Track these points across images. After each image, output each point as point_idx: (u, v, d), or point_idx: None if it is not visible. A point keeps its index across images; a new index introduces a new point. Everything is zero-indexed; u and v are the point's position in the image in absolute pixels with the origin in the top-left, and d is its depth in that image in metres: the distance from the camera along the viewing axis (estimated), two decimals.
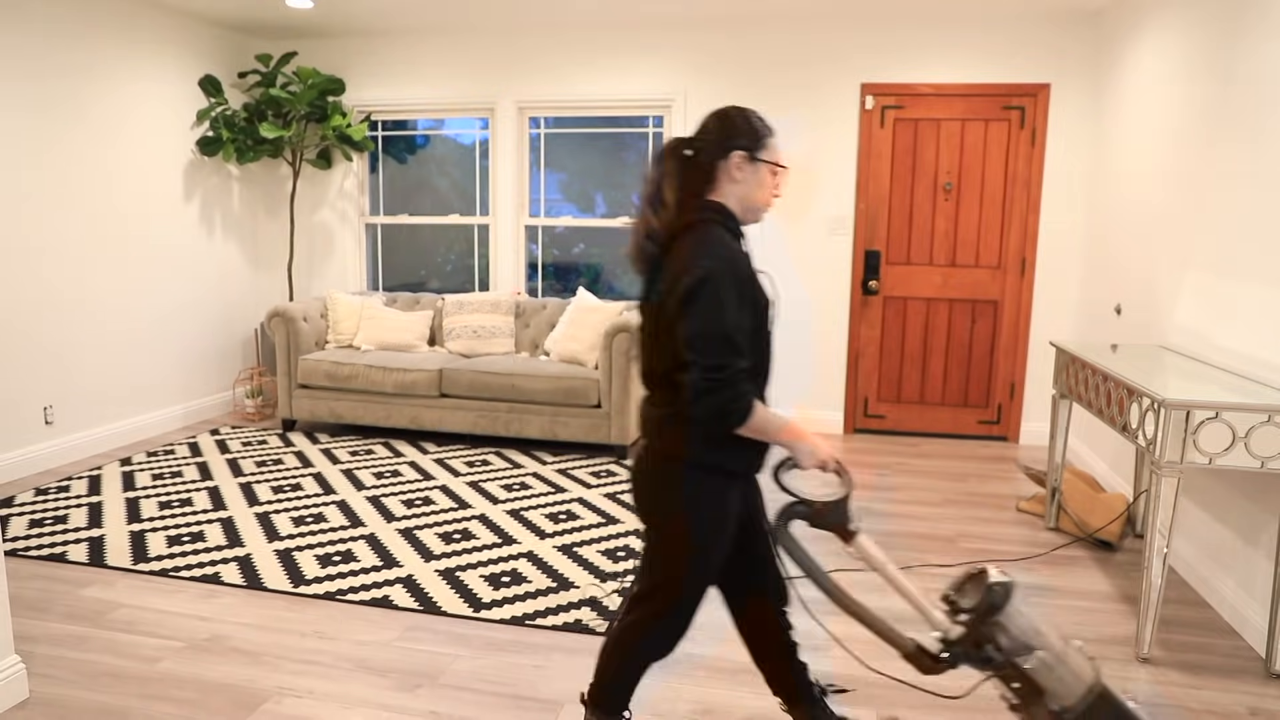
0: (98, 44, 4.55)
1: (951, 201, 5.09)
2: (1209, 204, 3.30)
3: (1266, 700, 2.46)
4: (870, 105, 5.08)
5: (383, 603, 2.96)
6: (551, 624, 2.82)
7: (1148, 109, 4.00)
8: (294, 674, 2.51)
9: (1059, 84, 4.87)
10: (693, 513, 1.81)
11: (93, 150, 4.56)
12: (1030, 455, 4.97)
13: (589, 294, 5.16)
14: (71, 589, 3.04)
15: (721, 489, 1.82)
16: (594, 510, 3.89)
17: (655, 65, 5.30)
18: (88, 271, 4.57)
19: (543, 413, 4.72)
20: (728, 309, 1.65)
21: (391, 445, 4.88)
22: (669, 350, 1.74)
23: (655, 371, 1.80)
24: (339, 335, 5.27)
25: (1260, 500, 2.80)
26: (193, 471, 4.36)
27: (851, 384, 5.36)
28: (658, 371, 1.79)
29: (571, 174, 5.60)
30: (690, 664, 2.60)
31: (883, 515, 3.92)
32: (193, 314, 5.34)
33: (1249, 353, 2.94)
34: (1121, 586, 3.20)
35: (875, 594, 3.06)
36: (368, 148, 5.60)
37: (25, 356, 4.25)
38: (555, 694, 2.43)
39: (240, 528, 3.61)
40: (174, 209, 5.14)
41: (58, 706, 2.34)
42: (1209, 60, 3.38)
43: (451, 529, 3.64)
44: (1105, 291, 4.49)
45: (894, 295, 5.23)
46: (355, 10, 5.00)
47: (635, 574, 1.90)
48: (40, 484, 4.14)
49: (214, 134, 5.27)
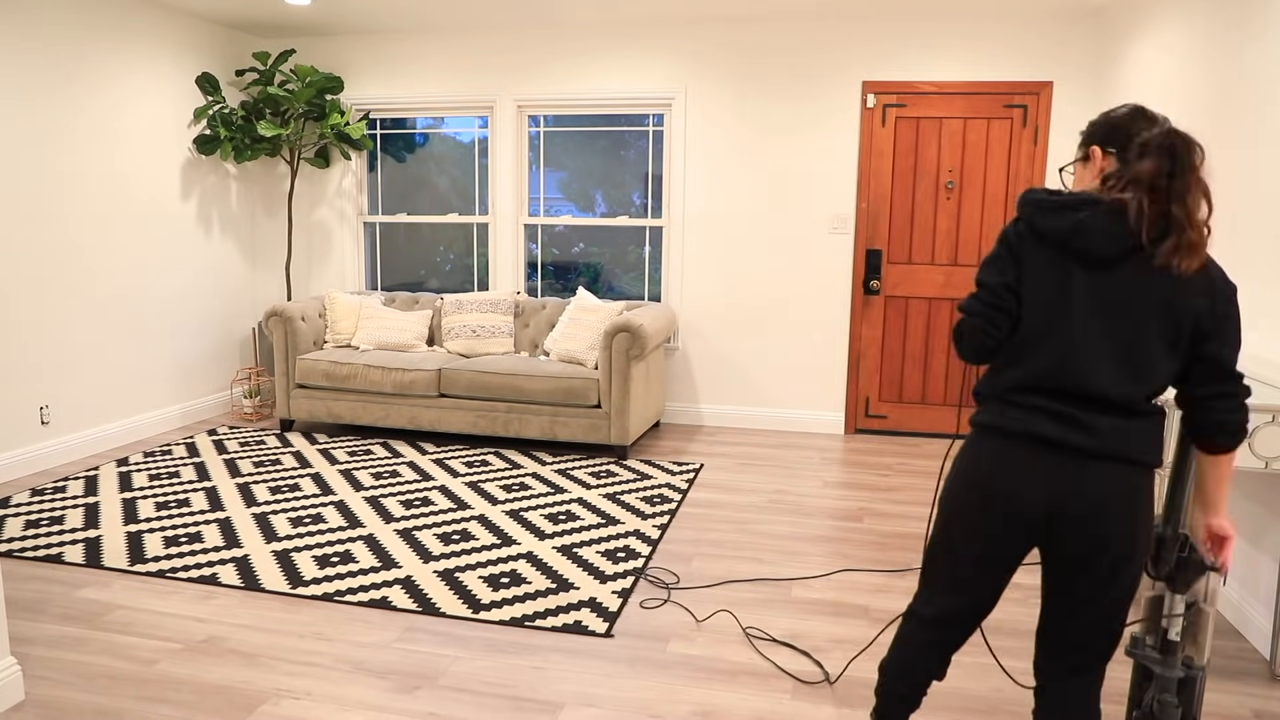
0: (94, 42, 4.53)
1: (953, 200, 5.07)
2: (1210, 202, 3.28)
3: (1271, 703, 2.44)
4: (872, 103, 5.06)
5: (381, 604, 2.94)
6: (551, 625, 2.81)
7: (1150, 106, 3.98)
8: (292, 675, 2.49)
9: (1061, 82, 4.86)
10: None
11: (89, 148, 4.54)
12: None
13: (589, 294, 5.14)
14: (68, 590, 3.02)
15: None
16: (594, 511, 3.87)
17: (655, 63, 5.28)
18: (84, 270, 4.55)
19: (542, 413, 4.70)
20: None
21: (390, 445, 4.87)
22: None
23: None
24: (337, 335, 5.25)
25: (1264, 501, 2.78)
26: (190, 472, 4.34)
27: (853, 384, 5.34)
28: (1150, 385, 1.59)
29: (571, 173, 5.58)
30: (690, 664, 2.58)
31: (884, 516, 3.91)
32: (190, 313, 5.32)
33: (1252, 352, 2.93)
34: None
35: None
36: (366, 146, 5.58)
37: (21, 356, 4.23)
38: (554, 695, 2.41)
39: (238, 528, 3.60)
40: (171, 208, 5.12)
41: (54, 708, 2.32)
42: (1211, 57, 3.36)
43: (450, 530, 3.62)
44: None
45: (895, 294, 5.21)
46: (354, 8, 4.98)
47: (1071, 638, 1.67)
48: (36, 484, 4.12)
49: (211, 132, 5.25)
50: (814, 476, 4.47)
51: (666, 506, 3.95)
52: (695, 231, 5.37)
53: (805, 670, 2.56)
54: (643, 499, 4.04)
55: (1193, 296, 1.54)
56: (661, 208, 5.47)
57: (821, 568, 3.32)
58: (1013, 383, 1.63)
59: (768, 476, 4.45)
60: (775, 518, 3.86)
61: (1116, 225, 1.54)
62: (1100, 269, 1.57)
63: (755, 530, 3.70)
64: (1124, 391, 1.55)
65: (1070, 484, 1.57)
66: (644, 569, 3.27)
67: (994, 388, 1.67)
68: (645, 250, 5.55)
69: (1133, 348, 1.55)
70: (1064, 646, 1.67)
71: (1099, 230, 1.55)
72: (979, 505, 1.65)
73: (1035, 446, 1.60)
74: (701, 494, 4.16)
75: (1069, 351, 1.57)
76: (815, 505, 4.03)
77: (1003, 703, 2.41)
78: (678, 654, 2.65)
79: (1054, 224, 1.59)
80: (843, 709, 2.37)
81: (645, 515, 3.83)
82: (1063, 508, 1.58)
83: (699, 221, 5.36)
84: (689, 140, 5.31)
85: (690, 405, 5.54)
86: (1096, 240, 1.55)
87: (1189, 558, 1.72)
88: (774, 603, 3.01)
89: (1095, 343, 1.56)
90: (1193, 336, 1.57)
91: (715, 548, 3.50)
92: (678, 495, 4.11)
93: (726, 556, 3.41)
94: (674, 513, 3.88)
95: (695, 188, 5.34)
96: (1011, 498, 1.61)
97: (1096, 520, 1.56)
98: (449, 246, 5.85)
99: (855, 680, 2.51)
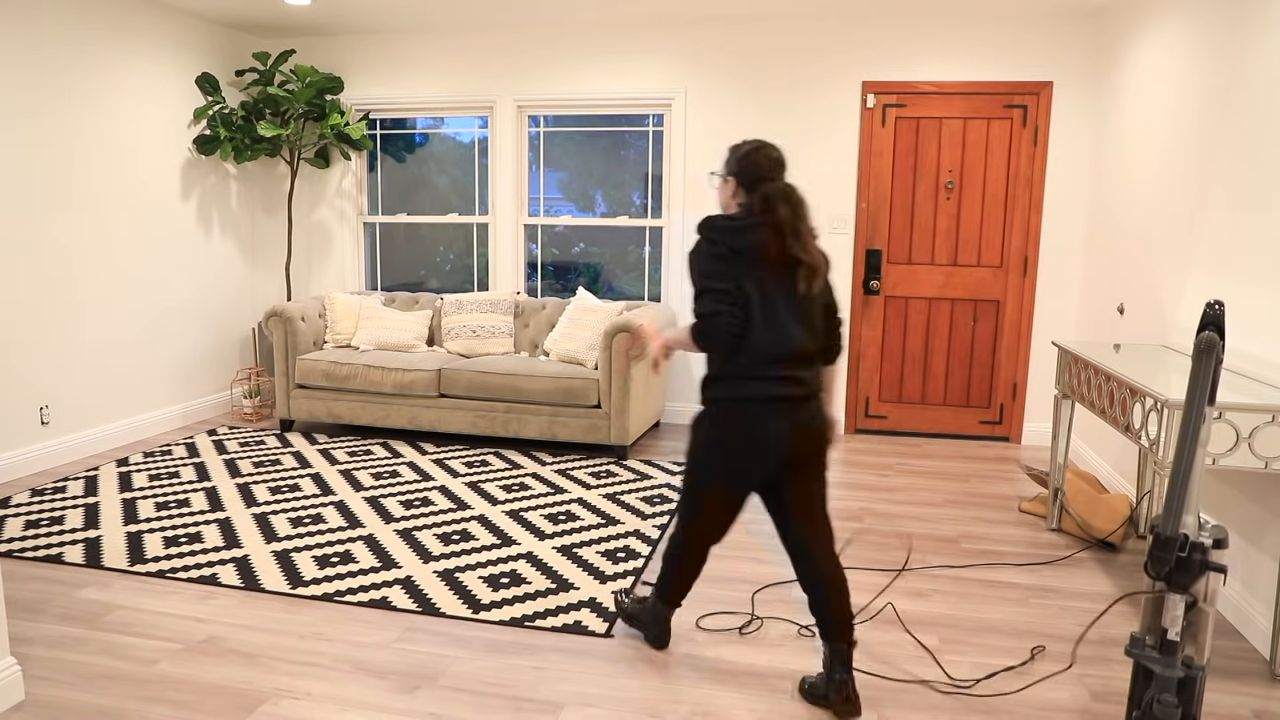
0: (94, 41, 4.53)
1: (953, 200, 5.07)
2: (1212, 202, 3.28)
3: (1270, 703, 2.44)
4: (872, 103, 5.06)
5: (381, 604, 2.94)
6: (551, 625, 2.81)
7: (1150, 107, 3.99)
8: (292, 675, 2.49)
9: (1061, 82, 4.86)
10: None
11: (89, 148, 4.54)
12: (1032, 456, 4.95)
13: (588, 294, 5.14)
14: (68, 590, 3.02)
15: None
16: (593, 511, 3.87)
17: (655, 63, 5.28)
18: (83, 271, 4.55)
19: (542, 413, 4.70)
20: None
21: (390, 446, 4.87)
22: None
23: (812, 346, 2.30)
24: (337, 335, 5.25)
25: (1264, 501, 2.78)
26: (190, 472, 4.34)
27: (853, 384, 5.34)
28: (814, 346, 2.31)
29: (571, 173, 5.58)
30: (690, 664, 2.58)
31: (884, 516, 3.91)
32: (190, 313, 5.32)
33: (1253, 352, 2.93)
34: (1124, 587, 3.19)
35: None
36: (366, 146, 5.58)
37: (21, 356, 4.23)
38: (554, 695, 2.41)
39: (238, 529, 3.60)
40: (171, 208, 5.12)
41: (54, 708, 2.32)
42: (1211, 57, 3.36)
43: (450, 530, 3.62)
44: (1108, 291, 4.47)
45: (895, 295, 5.21)
46: (353, 8, 4.98)
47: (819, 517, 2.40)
48: (36, 485, 4.12)
49: (211, 132, 5.25)
50: None
51: (666, 506, 3.95)
52: (695, 231, 5.36)
53: (807, 669, 2.56)
54: (643, 499, 4.04)
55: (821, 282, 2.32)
56: (661, 208, 5.47)
57: None
58: (749, 362, 2.24)
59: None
60: None
61: (774, 238, 2.22)
62: (774, 269, 2.24)
63: (755, 530, 3.70)
64: (814, 349, 2.30)
65: (804, 426, 2.27)
66: (641, 570, 3.27)
67: (734, 370, 2.26)
68: (645, 250, 5.55)
69: (810, 317, 2.29)
70: (814, 524, 2.36)
71: (768, 242, 2.22)
72: (758, 459, 2.28)
73: (785, 409, 2.25)
74: None
75: (784, 329, 2.24)
76: None
77: (1002, 702, 2.41)
78: (678, 654, 2.65)
79: (741, 241, 2.22)
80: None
81: (645, 515, 3.83)
82: (797, 435, 2.27)
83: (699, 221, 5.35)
84: (689, 140, 5.31)
85: (690, 405, 5.54)
86: (769, 250, 2.22)
87: (1189, 558, 1.72)
88: (774, 603, 3.01)
89: (793, 322, 2.25)
90: (826, 305, 2.37)
91: (715, 548, 3.50)
92: (678, 495, 4.11)
93: (726, 556, 3.41)
94: (674, 513, 3.88)
95: (695, 187, 5.33)
96: (776, 447, 2.26)
97: (820, 443, 2.32)
98: (449, 246, 5.84)
99: (855, 680, 2.51)
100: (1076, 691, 2.47)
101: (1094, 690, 2.48)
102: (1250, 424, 2.47)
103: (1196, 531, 1.85)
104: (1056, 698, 2.44)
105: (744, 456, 2.27)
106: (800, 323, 2.25)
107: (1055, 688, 2.49)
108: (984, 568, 3.34)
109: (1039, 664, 2.63)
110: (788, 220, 2.21)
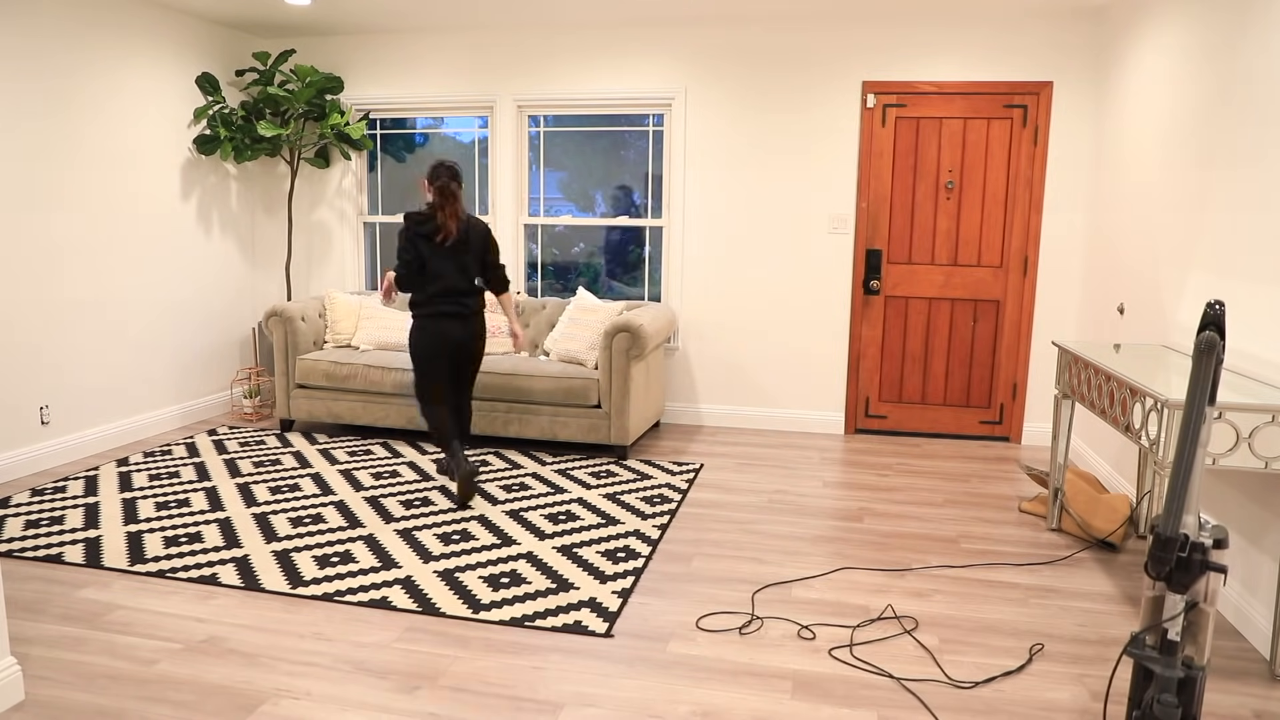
0: (93, 41, 4.53)
1: (953, 200, 5.07)
2: (1212, 202, 3.28)
3: (1270, 703, 2.44)
4: (872, 103, 5.06)
5: (381, 604, 2.94)
6: (551, 625, 2.81)
7: (1150, 107, 3.99)
8: (292, 675, 2.49)
9: (1061, 82, 4.86)
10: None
11: (88, 148, 4.54)
12: (1032, 456, 4.95)
13: (589, 294, 5.14)
14: (68, 590, 3.02)
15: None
16: (593, 511, 3.87)
17: (655, 63, 5.28)
18: (83, 270, 4.55)
19: (542, 413, 4.70)
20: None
21: (390, 445, 4.87)
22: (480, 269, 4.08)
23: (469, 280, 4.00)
24: (337, 335, 5.25)
25: (1264, 501, 2.78)
26: (190, 472, 4.34)
27: (853, 384, 5.34)
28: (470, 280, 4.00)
29: (571, 173, 5.58)
30: (690, 664, 2.58)
31: (884, 516, 3.91)
32: (190, 313, 5.32)
33: (1253, 352, 2.93)
34: (1124, 587, 3.19)
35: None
36: (366, 146, 5.58)
37: (21, 356, 4.23)
38: (554, 695, 2.41)
39: (238, 528, 3.60)
40: (171, 208, 5.12)
41: (54, 708, 2.32)
42: (1212, 57, 3.36)
43: (450, 530, 3.62)
44: (1108, 291, 4.47)
45: (895, 295, 5.21)
46: (353, 8, 4.98)
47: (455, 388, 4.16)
48: (36, 485, 4.12)
49: (211, 132, 5.25)
50: (814, 476, 4.48)
51: (666, 506, 3.95)
52: (695, 231, 5.37)
53: (807, 669, 2.57)
54: (643, 499, 4.04)
55: (478, 243, 3.99)
56: (661, 208, 5.47)
57: (821, 567, 3.32)
58: (429, 294, 3.89)
59: (768, 476, 4.45)
60: (775, 517, 3.86)
61: (442, 225, 3.86)
62: (446, 242, 3.88)
63: (755, 530, 3.70)
64: (468, 285, 3.96)
65: (462, 330, 3.95)
66: (643, 569, 3.27)
67: (422, 298, 3.91)
68: (645, 250, 5.55)
69: (466, 268, 3.94)
70: (461, 396, 4.15)
71: (442, 227, 3.85)
72: (438, 348, 3.93)
73: (451, 319, 3.93)
74: (701, 494, 4.16)
75: (446, 277, 3.90)
76: (815, 505, 4.03)
77: (1003, 703, 2.41)
78: (678, 654, 2.65)
79: (428, 229, 3.86)
80: (842, 709, 2.37)
81: (645, 515, 3.83)
82: (462, 339, 3.96)
83: (699, 221, 5.36)
84: (689, 140, 5.31)
85: (690, 405, 5.54)
86: (444, 233, 3.86)
87: (1189, 558, 1.72)
88: (774, 602, 3.01)
89: (453, 271, 3.91)
90: (483, 259, 4.04)
91: (715, 548, 3.50)
92: (678, 495, 4.11)
93: (726, 556, 3.41)
94: (674, 513, 3.88)
95: (695, 188, 5.34)
96: (448, 340, 3.92)
97: (472, 341, 4.01)
98: None
99: (855, 680, 2.51)
100: (1076, 691, 2.47)
101: (1094, 690, 2.48)
102: (1250, 424, 2.47)
103: (1196, 531, 1.85)
104: (1056, 698, 2.44)
105: (429, 345, 3.92)
106: (455, 269, 3.91)
107: (1055, 688, 2.49)
108: (984, 568, 3.34)
109: (1039, 663, 2.63)
110: (442, 204, 3.89)
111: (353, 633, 2.75)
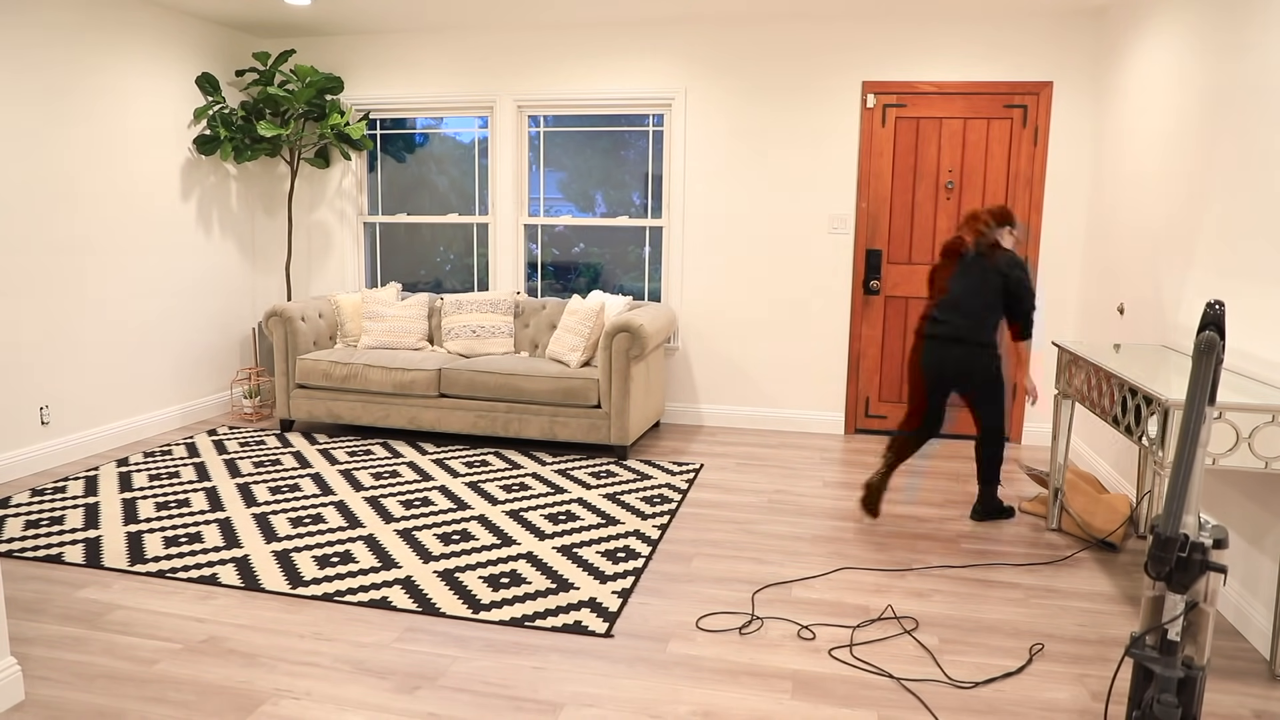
0: (94, 41, 4.53)
1: (953, 200, 5.07)
2: (1212, 202, 3.28)
3: (1270, 703, 2.44)
4: (872, 103, 5.06)
5: (381, 604, 2.94)
6: (551, 625, 2.81)
7: (1150, 107, 3.99)
8: (292, 676, 2.49)
9: (1061, 82, 4.86)
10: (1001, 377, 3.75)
11: (89, 148, 4.54)
12: (1032, 456, 4.95)
13: (579, 297, 5.14)
14: (68, 590, 3.02)
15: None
16: (593, 511, 3.87)
17: (655, 63, 5.28)
18: (84, 270, 4.55)
19: (542, 413, 4.70)
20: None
21: (390, 446, 4.87)
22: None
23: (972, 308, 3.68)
24: (346, 336, 5.28)
25: (1264, 501, 2.78)
26: (190, 472, 4.34)
27: (853, 384, 5.34)
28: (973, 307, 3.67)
29: (571, 173, 5.58)
30: (690, 664, 2.58)
31: (884, 516, 3.91)
32: (190, 313, 5.32)
33: (1253, 352, 2.92)
34: (1124, 587, 3.19)
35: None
36: (366, 146, 5.58)
37: (21, 356, 4.23)
38: (554, 695, 2.41)
39: (238, 529, 3.60)
40: (171, 208, 5.12)
41: (54, 708, 2.32)
42: (1211, 57, 3.36)
43: (450, 530, 3.62)
44: (1107, 291, 4.47)
45: (896, 295, 5.21)
46: (353, 8, 4.98)
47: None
48: (36, 485, 4.12)
49: (211, 133, 5.25)
50: (814, 476, 4.47)
51: (666, 507, 3.95)
52: (695, 232, 5.37)
53: (807, 669, 2.57)
54: (643, 499, 4.04)
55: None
56: (661, 208, 5.47)
57: (821, 567, 3.32)
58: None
59: (768, 476, 4.45)
60: (775, 518, 3.86)
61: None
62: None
63: (755, 530, 3.70)
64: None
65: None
66: (642, 568, 3.27)
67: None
68: (645, 250, 5.55)
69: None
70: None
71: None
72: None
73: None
74: (701, 494, 4.16)
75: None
76: (815, 505, 4.03)
77: (1003, 703, 2.41)
78: (678, 654, 2.65)
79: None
80: (842, 709, 2.37)
81: (645, 515, 3.83)
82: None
83: (699, 221, 5.36)
84: (689, 140, 5.31)
85: (690, 405, 5.54)
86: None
87: (1189, 558, 1.72)
88: (774, 603, 3.01)
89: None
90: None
91: (715, 548, 3.50)
92: (678, 495, 4.11)
93: (726, 556, 3.41)
94: (674, 513, 3.88)
95: (695, 188, 5.34)
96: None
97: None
98: (449, 247, 5.85)
99: (855, 680, 2.51)
100: (1077, 692, 2.47)
101: (1094, 690, 2.48)
102: (1250, 424, 2.47)
103: (1196, 531, 1.85)
104: (1057, 698, 2.44)
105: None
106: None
107: (1055, 688, 2.49)
108: (984, 568, 3.34)
109: (1039, 664, 2.63)
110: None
111: (352, 633, 2.75)
